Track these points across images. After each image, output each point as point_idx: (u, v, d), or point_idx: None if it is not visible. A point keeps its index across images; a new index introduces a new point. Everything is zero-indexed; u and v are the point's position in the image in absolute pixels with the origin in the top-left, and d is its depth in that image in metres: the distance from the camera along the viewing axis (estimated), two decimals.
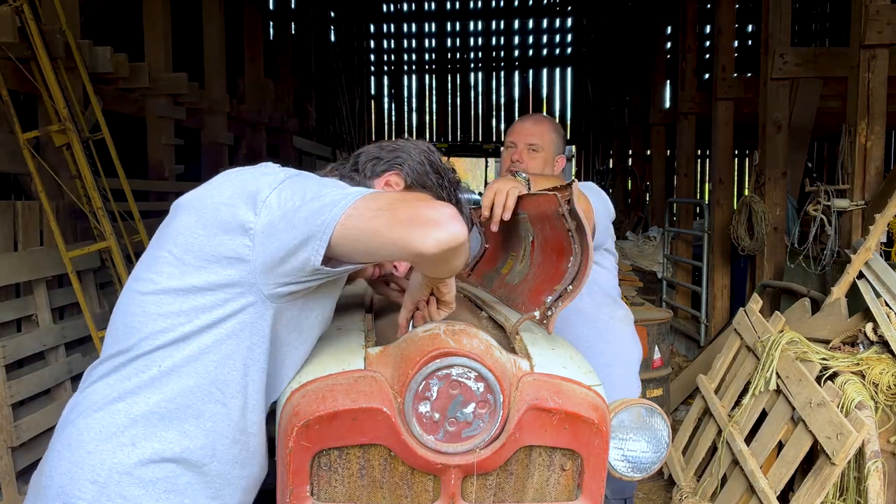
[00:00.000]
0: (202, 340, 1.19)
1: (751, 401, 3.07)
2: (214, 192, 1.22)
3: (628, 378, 2.22)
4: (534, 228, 1.77)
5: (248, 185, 1.20)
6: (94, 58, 4.65)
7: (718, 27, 6.04)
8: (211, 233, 1.18)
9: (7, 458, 3.31)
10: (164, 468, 1.16)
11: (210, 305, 1.18)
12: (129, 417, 1.16)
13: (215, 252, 1.17)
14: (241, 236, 1.16)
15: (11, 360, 3.48)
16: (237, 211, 1.17)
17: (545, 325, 1.46)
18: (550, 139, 2.31)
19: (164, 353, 1.18)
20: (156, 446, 1.16)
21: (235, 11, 7.97)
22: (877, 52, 3.65)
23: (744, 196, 5.19)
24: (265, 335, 1.23)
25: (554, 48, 16.64)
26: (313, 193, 1.15)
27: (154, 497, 1.16)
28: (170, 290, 1.19)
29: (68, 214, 4.32)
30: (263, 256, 1.16)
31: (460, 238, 1.08)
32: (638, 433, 1.49)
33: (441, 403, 1.19)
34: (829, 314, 3.22)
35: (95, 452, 1.15)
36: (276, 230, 1.14)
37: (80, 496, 1.14)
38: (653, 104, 9.19)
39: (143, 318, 1.19)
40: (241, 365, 1.22)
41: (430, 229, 1.06)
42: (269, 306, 1.21)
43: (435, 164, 1.55)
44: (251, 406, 1.26)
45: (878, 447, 2.50)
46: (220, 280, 1.18)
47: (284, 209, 1.15)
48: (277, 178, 1.20)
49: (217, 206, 1.19)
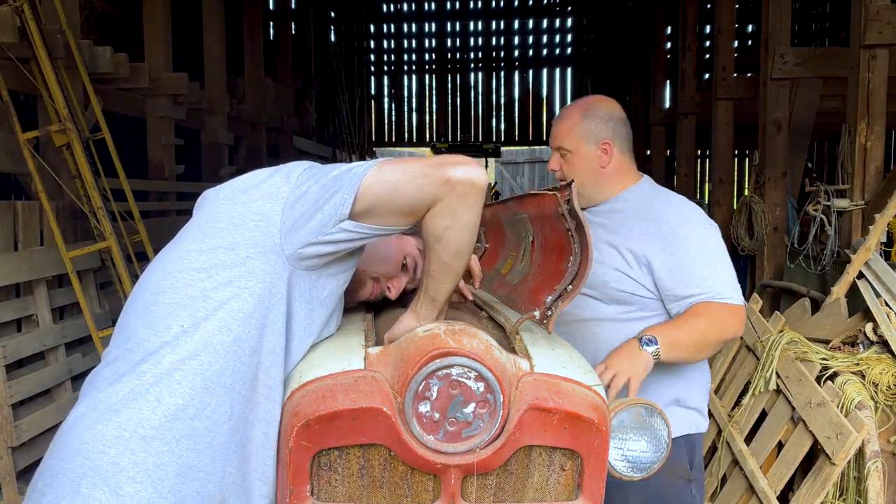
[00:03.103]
0: (222, 296, 1.23)
1: (751, 401, 3.07)
2: (245, 178, 1.34)
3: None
4: (534, 228, 1.77)
5: (280, 168, 1.33)
6: (94, 58, 4.65)
7: (718, 27, 6.04)
8: (241, 202, 1.28)
9: (7, 458, 3.31)
10: (187, 425, 1.18)
11: (231, 263, 1.24)
12: (154, 376, 1.19)
13: (243, 215, 1.26)
14: (272, 201, 1.26)
15: (11, 360, 3.48)
16: (270, 182, 1.29)
17: (545, 325, 1.46)
18: (580, 133, 1.97)
19: (186, 312, 1.22)
20: (179, 402, 1.18)
21: (235, 11, 7.96)
22: (877, 52, 3.64)
23: (744, 196, 5.19)
24: (283, 297, 1.28)
25: (554, 48, 16.63)
26: (338, 167, 1.27)
27: (177, 454, 1.17)
28: (192, 251, 1.27)
29: (68, 214, 4.31)
30: (292, 216, 1.24)
31: (482, 178, 1.21)
32: (638, 433, 1.49)
33: (441, 403, 1.19)
34: (828, 314, 3.21)
35: (122, 410, 1.17)
36: (307, 193, 1.25)
37: (104, 450, 1.15)
38: (653, 104, 9.19)
39: (169, 285, 1.26)
40: (259, 325, 1.26)
41: (458, 165, 1.20)
42: (286, 267, 1.27)
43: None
44: (264, 368, 1.28)
45: (878, 447, 2.50)
46: (244, 240, 1.25)
47: (316, 178, 1.27)
48: (304, 164, 1.34)
49: (248, 185, 1.31)
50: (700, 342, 1.79)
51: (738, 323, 1.85)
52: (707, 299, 1.82)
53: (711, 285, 1.82)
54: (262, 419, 1.29)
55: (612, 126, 1.99)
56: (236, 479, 1.26)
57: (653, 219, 1.92)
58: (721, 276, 1.85)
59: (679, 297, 1.86)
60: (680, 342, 1.76)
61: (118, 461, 1.14)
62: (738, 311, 1.84)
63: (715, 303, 1.81)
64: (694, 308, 1.82)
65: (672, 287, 1.86)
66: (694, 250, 1.86)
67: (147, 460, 1.15)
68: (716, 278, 1.83)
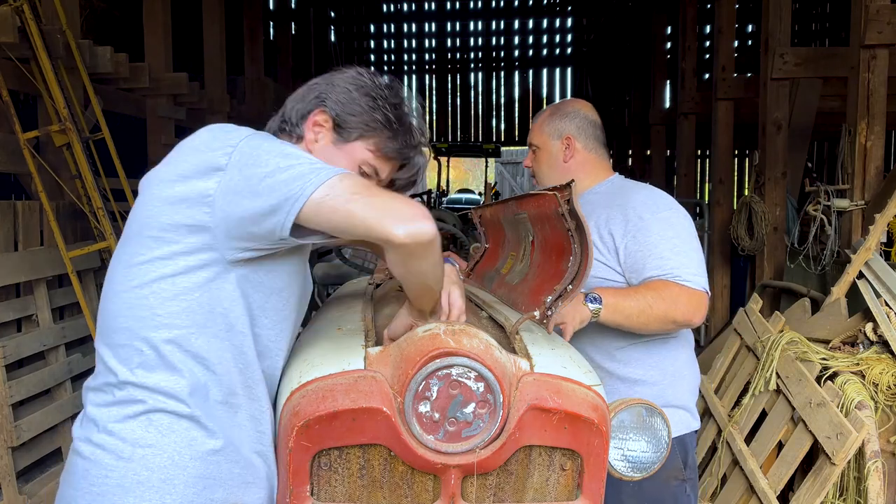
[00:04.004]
0: (170, 310, 1.23)
1: (751, 401, 3.07)
2: (171, 167, 1.26)
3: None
4: (534, 228, 1.77)
5: (203, 155, 1.22)
6: (94, 58, 4.65)
7: (718, 27, 6.04)
8: (172, 205, 1.22)
9: (7, 458, 3.31)
10: (184, 437, 1.24)
11: (171, 274, 1.23)
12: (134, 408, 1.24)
13: (175, 221, 1.21)
14: (200, 205, 1.20)
15: (11, 360, 3.48)
16: (195, 182, 1.21)
17: (545, 325, 1.46)
18: (546, 130, 2.10)
19: (140, 339, 1.24)
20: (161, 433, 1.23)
21: (235, 11, 7.97)
22: (877, 52, 3.65)
23: (744, 196, 5.19)
24: (235, 298, 1.26)
25: (554, 48, 16.63)
26: (276, 162, 1.17)
27: (181, 466, 1.22)
28: (133, 266, 1.25)
29: (68, 214, 4.31)
30: (225, 222, 1.19)
31: (429, 234, 1.13)
32: (638, 433, 1.49)
33: (441, 403, 1.19)
34: (828, 314, 3.21)
35: (117, 433, 1.23)
36: (238, 196, 1.18)
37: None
38: (653, 104, 9.19)
39: (118, 309, 1.27)
40: (219, 333, 1.26)
41: (403, 220, 1.11)
42: (229, 269, 1.24)
43: (365, 87, 1.41)
44: (238, 371, 1.29)
45: (878, 447, 2.50)
46: (180, 248, 1.22)
47: (245, 174, 1.18)
48: (231, 142, 1.21)
49: (174, 179, 1.23)
50: (645, 313, 1.77)
51: (694, 307, 1.81)
52: (665, 279, 1.82)
53: (671, 267, 1.82)
54: (252, 417, 1.32)
55: (577, 123, 2.07)
56: (240, 479, 1.28)
57: (619, 205, 1.96)
58: (682, 260, 1.84)
59: (640, 278, 1.87)
60: (624, 308, 1.75)
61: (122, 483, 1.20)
62: (694, 295, 1.81)
63: (671, 282, 1.81)
64: (648, 283, 1.84)
65: (634, 268, 1.88)
66: (656, 233, 1.87)
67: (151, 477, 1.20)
68: (677, 261, 1.83)
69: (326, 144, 1.40)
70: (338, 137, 1.40)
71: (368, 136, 1.40)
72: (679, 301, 1.79)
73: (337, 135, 1.40)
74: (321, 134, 1.41)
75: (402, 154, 1.44)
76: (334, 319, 1.65)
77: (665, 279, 1.81)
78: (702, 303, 1.83)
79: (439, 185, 12.83)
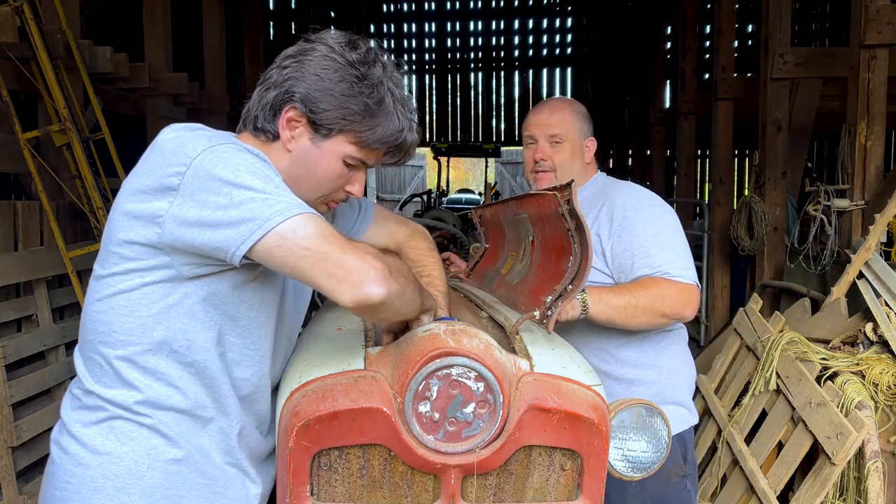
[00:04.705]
0: (126, 325, 1.21)
1: (751, 401, 3.07)
2: (136, 177, 1.20)
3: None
4: (534, 228, 1.77)
5: (159, 171, 1.16)
6: (94, 58, 4.65)
7: (718, 27, 6.04)
8: (128, 220, 1.18)
9: (7, 458, 3.31)
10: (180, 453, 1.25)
11: (128, 289, 1.21)
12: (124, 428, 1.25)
13: (129, 238, 1.18)
14: (152, 225, 1.15)
15: (11, 360, 3.48)
16: (149, 200, 1.15)
17: (545, 325, 1.46)
18: (574, 125, 2.05)
19: (105, 362, 1.24)
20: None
21: (235, 11, 7.97)
22: (877, 52, 3.64)
23: (744, 196, 5.18)
24: (195, 314, 1.22)
25: (554, 48, 16.63)
26: (228, 193, 1.10)
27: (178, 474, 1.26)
28: (99, 278, 1.24)
29: (68, 214, 4.31)
30: (175, 244, 1.15)
31: (376, 299, 1.09)
32: (638, 433, 1.48)
33: (441, 403, 1.19)
34: (828, 314, 3.21)
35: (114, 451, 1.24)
36: (186, 224, 1.13)
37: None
38: (653, 104, 9.19)
39: (89, 324, 1.26)
40: (191, 345, 1.24)
41: (350, 286, 1.07)
42: (187, 285, 1.20)
43: (337, 69, 1.26)
44: (223, 384, 1.29)
45: (878, 447, 2.50)
46: (138, 266, 1.19)
47: (197, 200, 1.11)
48: (185, 159, 1.13)
49: (133, 193, 1.18)
50: (632, 305, 1.76)
51: (684, 300, 1.80)
52: (654, 276, 1.82)
53: (659, 264, 1.82)
54: (221, 430, 1.31)
55: (591, 128, 2.13)
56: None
57: (604, 205, 1.97)
58: (670, 256, 1.84)
59: (629, 278, 1.87)
60: (609, 300, 1.74)
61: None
62: (684, 289, 1.81)
63: (659, 277, 1.81)
64: (636, 280, 1.84)
65: (622, 269, 1.88)
66: (641, 231, 1.87)
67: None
68: (664, 257, 1.83)
69: (304, 143, 1.28)
70: (315, 134, 1.27)
71: (348, 129, 1.27)
72: (668, 294, 1.79)
73: (314, 132, 1.27)
74: (297, 130, 1.28)
75: (387, 142, 1.30)
76: (334, 319, 1.65)
77: (654, 277, 1.82)
78: (692, 296, 1.83)
79: (439, 185, 12.84)
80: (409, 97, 1.36)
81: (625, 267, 1.87)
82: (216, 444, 1.29)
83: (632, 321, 1.78)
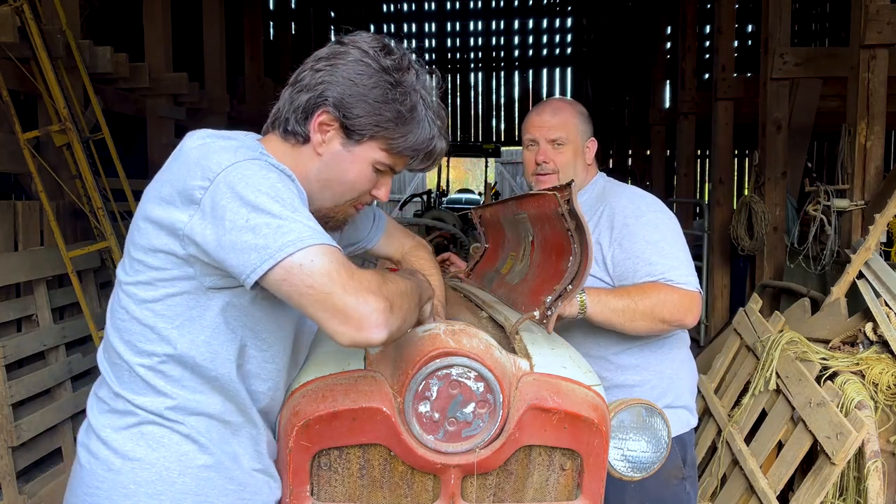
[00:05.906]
0: (152, 348, 1.22)
1: (750, 401, 3.07)
2: (160, 184, 1.20)
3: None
4: (533, 228, 1.77)
5: (184, 182, 1.15)
6: (95, 58, 4.65)
7: (718, 27, 6.04)
8: (153, 227, 1.18)
9: (7, 458, 3.31)
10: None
11: (152, 299, 1.20)
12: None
13: (153, 245, 1.18)
14: (173, 236, 1.16)
15: (11, 360, 3.48)
16: (172, 210, 1.15)
17: (545, 325, 1.46)
18: (575, 126, 2.03)
19: (136, 375, 1.24)
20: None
21: (235, 11, 7.97)
22: (877, 52, 3.64)
23: (744, 196, 5.18)
24: (218, 325, 1.21)
25: (554, 48, 16.63)
26: (245, 217, 1.09)
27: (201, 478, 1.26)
28: (122, 284, 1.24)
29: (68, 214, 4.31)
30: (194, 257, 1.15)
31: (376, 342, 1.08)
32: (638, 433, 1.49)
33: (441, 403, 1.19)
34: (828, 314, 3.21)
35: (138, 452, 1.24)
36: (203, 243, 1.13)
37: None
38: (653, 104, 9.19)
39: (113, 330, 1.27)
40: (212, 357, 1.24)
41: (352, 329, 1.06)
42: (211, 297, 1.19)
43: (371, 74, 1.25)
44: (242, 396, 1.28)
45: (877, 447, 2.50)
46: (163, 276, 1.19)
47: (215, 217, 1.11)
48: (210, 174, 1.13)
49: (157, 200, 1.18)
50: (630, 308, 1.75)
51: (685, 307, 1.79)
52: (656, 283, 1.81)
53: (662, 271, 1.81)
54: (251, 437, 1.31)
55: (591, 129, 2.10)
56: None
57: (604, 211, 1.95)
58: (671, 262, 1.83)
59: (631, 284, 1.86)
60: (608, 302, 1.73)
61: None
62: (686, 295, 1.80)
63: (660, 283, 1.80)
64: (638, 284, 1.83)
65: (624, 276, 1.87)
66: (642, 238, 1.86)
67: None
68: (666, 264, 1.82)
69: (335, 148, 1.28)
70: (346, 140, 1.27)
71: (380, 135, 1.27)
72: (669, 300, 1.78)
73: (346, 137, 1.27)
74: (329, 134, 1.28)
75: (417, 150, 1.31)
76: None
77: (656, 282, 1.81)
78: (694, 303, 1.81)
79: (439, 185, 12.83)
80: (439, 104, 1.37)
81: (627, 275, 1.86)
82: (245, 450, 1.28)
83: (630, 325, 1.77)
